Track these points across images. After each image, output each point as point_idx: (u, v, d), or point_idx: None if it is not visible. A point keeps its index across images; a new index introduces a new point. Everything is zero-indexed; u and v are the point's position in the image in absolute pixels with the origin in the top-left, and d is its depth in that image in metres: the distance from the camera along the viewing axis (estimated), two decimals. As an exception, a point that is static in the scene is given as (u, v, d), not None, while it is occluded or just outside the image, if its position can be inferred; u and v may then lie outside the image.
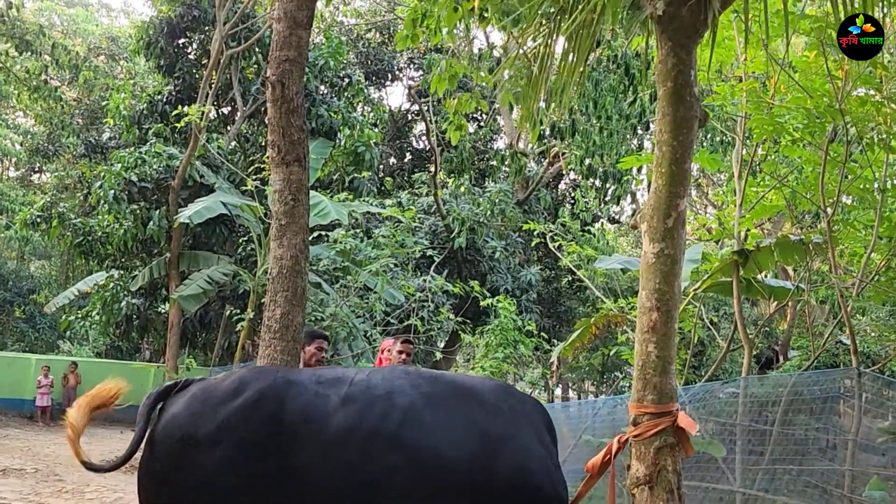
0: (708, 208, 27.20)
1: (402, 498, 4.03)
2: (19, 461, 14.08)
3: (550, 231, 16.00)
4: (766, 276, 12.24)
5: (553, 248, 15.97)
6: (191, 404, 4.17)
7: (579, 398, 29.03)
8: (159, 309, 20.62)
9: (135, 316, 20.96)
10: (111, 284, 20.62)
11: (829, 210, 9.52)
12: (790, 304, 16.64)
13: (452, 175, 23.39)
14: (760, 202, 10.87)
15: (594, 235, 19.91)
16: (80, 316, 22.21)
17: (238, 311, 16.38)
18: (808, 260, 11.00)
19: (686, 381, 12.74)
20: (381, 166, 24.65)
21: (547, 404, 20.90)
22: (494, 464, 4.11)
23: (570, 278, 18.65)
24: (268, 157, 7.05)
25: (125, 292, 20.38)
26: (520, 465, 4.16)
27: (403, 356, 7.39)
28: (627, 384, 19.88)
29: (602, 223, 26.08)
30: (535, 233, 16.08)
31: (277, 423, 4.04)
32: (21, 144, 33.75)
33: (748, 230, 11.40)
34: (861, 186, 9.62)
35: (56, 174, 28.25)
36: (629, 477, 4.32)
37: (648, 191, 4.54)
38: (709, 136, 15.95)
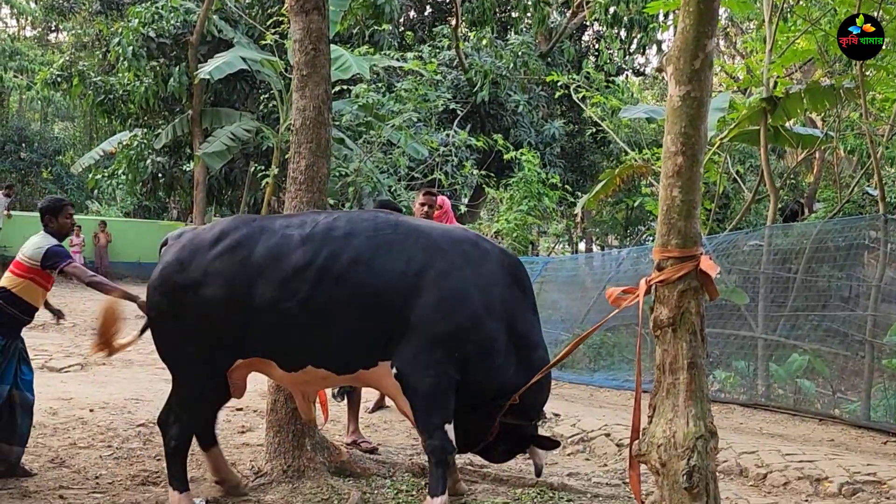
0: (736, 58, 26.55)
1: (344, 323, 4.87)
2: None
3: (574, 82, 15.74)
4: (793, 125, 12.07)
5: (577, 100, 15.75)
6: (180, 253, 5.07)
7: (602, 251, 29.20)
8: (184, 167, 20.72)
9: (160, 174, 21.09)
10: (135, 143, 20.66)
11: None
12: (817, 156, 16.45)
13: (474, 27, 22.83)
14: (791, 48, 10.60)
15: (619, 87, 19.57)
16: (106, 175, 22.36)
17: (262, 167, 16.43)
18: (838, 107, 10.81)
19: (710, 231, 12.76)
20: (402, 20, 24.08)
21: (570, 256, 21.12)
22: (422, 293, 4.86)
23: (594, 131, 18.46)
24: (286, 9, 6.90)
25: (149, 150, 20.44)
26: (443, 297, 4.89)
27: (426, 208, 7.44)
28: (651, 236, 19.97)
29: (627, 75, 25.60)
30: (559, 85, 15.82)
31: (248, 263, 4.92)
32: (36, 2, 33.18)
33: (777, 77, 11.17)
34: (897, 28, 9.32)
35: (73, 32, 27.75)
36: (652, 320, 4.38)
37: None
38: (739, -20, 15.42)
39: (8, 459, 5.87)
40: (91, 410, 7.87)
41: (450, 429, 4.96)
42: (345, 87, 15.46)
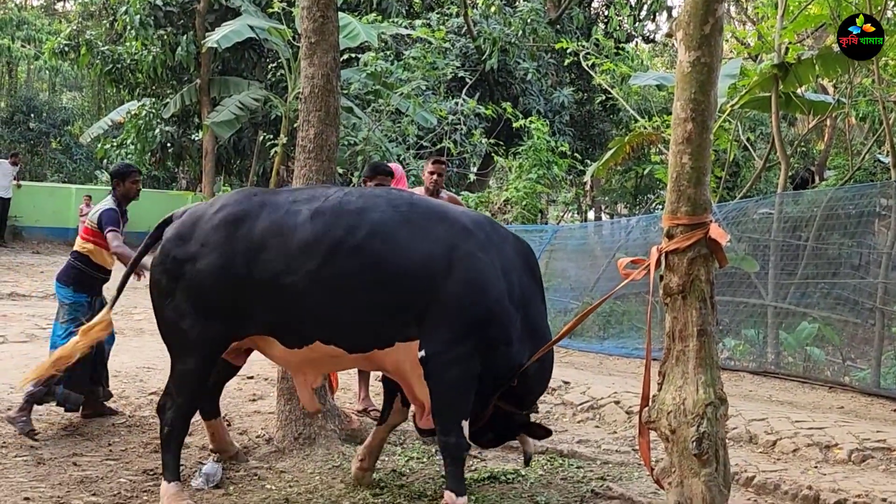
0: (747, 24, 26.31)
1: (359, 297, 4.72)
2: (67, 286, 14.54)
3: (584, 50, 15.62)
4: (805, 91, 11.98)
5: (586, 68, 15.64)
6: (180, 228, 4.98)
7: (612, 219, 29.15)
8: (193, 136, 20.71)
9: (169, 144, 21.10)
10: (143, 112, 20.63)
11: (876, 18, 9.16)
12: (828, 123, 16.33)
13: (483, -7, 22.68)
14: (803, 13, 10.49)
15: (628, 54, 19.41)
16: (115, 145, 22.36)
17: (271, 136, 16.40)
18: (850, 73, 10.71)
19: (720, 199, 12.72)
20: (410, -14, 23.92)
21: (579, 224, 21.09)
22: (451, 274, 4.72)
23: (604, 98, 18.34)
24: (294, -24, 6.87)
25: (158, 120, 20.41)
26: (471, 279, 4.76)
27: (435, 176, 7.40)
28: (660, 205, 19.92)
29: (636, 42, 25.39)
30: (568, 52, 15.71)
31: (250, 238, 4.77)
32: (42, -29, 33.07)
33: (789, 43, 11.06)
34: (910, -7, 9.22)
35: (80, 1, 27.65)
36: (662, 287, 4.36)
37: None
38: (751, -55, 15.25)
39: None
40: (103, 379, 7.92)
41: (465, 425, 4.86)
42: (353, 55, 15.40)
